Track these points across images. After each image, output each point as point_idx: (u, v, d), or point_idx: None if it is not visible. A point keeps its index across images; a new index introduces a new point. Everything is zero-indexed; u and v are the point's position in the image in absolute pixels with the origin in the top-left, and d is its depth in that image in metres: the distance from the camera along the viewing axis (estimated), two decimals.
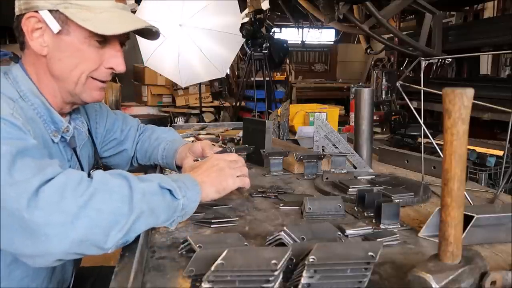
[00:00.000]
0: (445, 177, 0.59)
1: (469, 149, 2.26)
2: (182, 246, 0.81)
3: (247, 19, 4.46)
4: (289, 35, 10.52)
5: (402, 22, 6.44)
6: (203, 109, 6.09)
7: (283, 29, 10.64)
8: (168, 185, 0.85)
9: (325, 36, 11.22)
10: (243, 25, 4.23)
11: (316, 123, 1.47)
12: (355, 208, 1.08)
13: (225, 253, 0.59)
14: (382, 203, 0.96)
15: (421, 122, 1.20)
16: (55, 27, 0.97)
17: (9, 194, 0.71)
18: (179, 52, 3.93)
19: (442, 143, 0.62)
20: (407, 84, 1.30)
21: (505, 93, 3.31)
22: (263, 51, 4.66)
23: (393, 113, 4.13)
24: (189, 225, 0.97)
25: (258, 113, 4.67)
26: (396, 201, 1.02)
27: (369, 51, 5.31)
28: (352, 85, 4.91)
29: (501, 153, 2.35)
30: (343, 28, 4.46)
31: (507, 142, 1.21)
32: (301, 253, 0.66)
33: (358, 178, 1.30)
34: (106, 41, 1.03)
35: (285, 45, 5.29)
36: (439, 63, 5.52)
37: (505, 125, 3.32)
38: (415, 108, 1.29)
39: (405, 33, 3.89)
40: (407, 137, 3.22)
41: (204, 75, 4.30)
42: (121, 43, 1.08)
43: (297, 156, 1.38)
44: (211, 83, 6.71)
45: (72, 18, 0.96)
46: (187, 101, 6.45)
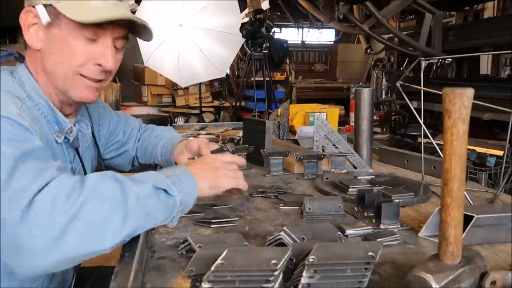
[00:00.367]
0: (445, 177, 0.59)
1: (469, 149, 2.25)
2: (182, 246, 0.81)
3: (247, 19, 4.46)
4: (289, 35, 10.52)
5: (402, 22, 6.44)
6: (203, 109, 6.08)
7: (283, 29, 10.63)
8: (162, 184, 0.82)
9: (325, 36, 11.22)
10: (243, 25, 4.23)
11: (316, 123, 1.47)
12: (355, 208, 1.08)
13: (225, 253, 0.59)
14: (382, 203, 0.96)
15: (421, 122, 1.20)
16: (44, 19, 0.97)
17: (3, 202, 0.68)
18: (179, 52, 3.93)
19: (442, 143, 0.62)
20: (407, 84, 1.30)
21: (505, 93, 3.31)
22: (263, 51, 4.66)
23: (393, 113, 4.13)
24: (189, 225, 0.97)
25: (258, 113, 4.66)
26: (396, 201, 1.02)
27: (369, 51, 5.31)
28: (352, 85, 4.92)
29: (501, 153, 2.35)
30: (343, 28, 4.46)
31: (507, 142, 1.21)
32: (301, 253, 0.66)
33: (358, 178, 1.30)
34: (97, 37, 1.00)
35: (285, 45, 5.28)
36: (439, 63, 5.52)
37: (505, 125, 3.32)
38: (415, 108, 1.29)
39: (405, 33, 3.89)
40: (407, 137, 3.22)
41: (204, 75, 4.30)
42: (116, 41, 1.04)
43: (297, 156, 1.38)
44: (211, 83, 6.71)
45: (60, 10, 0.95)
46: (187, 101, 6.45)
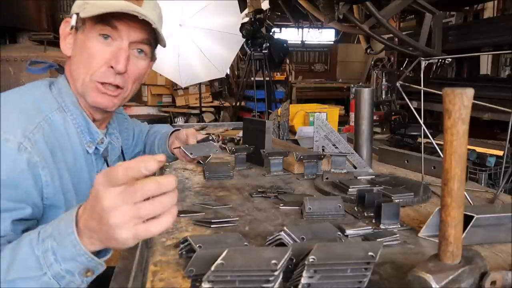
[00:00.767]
0: (445, 177, 0.59)
1: (469, 149, 2.26)
2: (182, 246, 0.81)
3: (247, 19, 4.47)
4: (289, 35, 10.53)
5: (402, 22, 6.44)
6: (203, 109, 6.09)
7: (283, 29, 10.64)
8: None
9: (325, 36, 11.23)
10: (243, 25, 4.24)
11: (316, 123, 1.47)
12: (355, 208, 1.08)
13: (225, 253, 0.59)
14: (382, 203, 0.96)
15: (421, 122, 1.20)
16: (71, 24, 1.01)
17: None
18: (179, 52, 3.93)
19: (442, 143, 0.62)
20: (407, 84, 1.30)
21: (505, 93, 3.32)
22: (263, 51, 4.67)
23: (393, 113, 4.13)
24: (189, 225, 0.97)
25: (258, 113, 4.66)
26: (396, 201, 1.02)
27: (369, 51, 5.31)
28: (352, 85, 4.92)
29: (501, 153, 2.35)
30: (343, 28, 4.46)
31: (507, 142, 1.21)
32: (301, 253, 0.66)
33: (358, 178, 1.30)
34: (112, 39, 1.00)
35: (285, 45, 5.29)
36: (439, 63, 5.52)
37: (505, 125, 3.32)
38: (415, 108, 1.29)
39: (405, 33, 3.89)
40: (407, 137, 3.22)
41: (204, 75, 4.30)
42: (134, 45, 1.02)
43: (297, 156, 1.38)
44: (211, 83, 6.71)
45: (81, 14, 0.98)
46: (187, 101, 6.45)
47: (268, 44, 4.65)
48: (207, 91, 6.60)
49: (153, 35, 1.04)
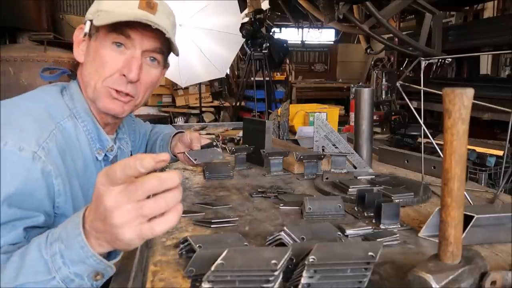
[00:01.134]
0: (445, 177, 0.59)
1: (469, 149, 2.26)
2: (182, 246, 0.81)
3: (247, 19, 4.47)
4: (289, 35, 10.53)
5: (402, 22, 6.44)
6: (203, 109, 6.09)
7: (283, 29, 10.64)
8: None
9: (325, 36, 11.23)
10: (243, 25, 4.24)
11: (316, 123, 1.47)
12: (355, 208, 1.08)
13: (225, 253, 0.59)
14: (382, 203, 0.96)
15: (421, 122, 1.20)
16: (84, 31, 1.02)
17: None
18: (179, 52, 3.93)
19: (442, 143, 0.62)
20: (407, 84, 1.30)
21: (505, 93, 3.32)
22: (263, 51, 4.67)
23: (393, 113, 4.13)
24: (189, 225, 0.97)
25: (258, 113, 4.67)
26: (396, 201, 1.02)
27: (369, 51, 5.31)
28: (352, 85, 4.93)
29: (501, 153, 2.35)
30: (343, 28, 4.46)
31: (507, 142, 1.21)
32: (301, 253, 0.66)
33: (358, 178, 1.30)
34: (125, 47, 0.99)
35: (285, 45, 5.29)
36: (439, 63, 5.52)
37: (505, 125, 3.32)
38: (415, 108, 1.29)
39: (405, 33, 3.89)
40: (407, 137, 3.22)
41: (204, 75, 4.30)
42: (147, 53, 1.02)
43: (297, 156, 1.38)
44: (211, 83, 6.71)
45: (94, 22, 0.98)
46: (187, 101, 6.45)
47: (268, 44, 4.66)
48: (207, 91, 6.60)
49: (166, 44, 1.05)
